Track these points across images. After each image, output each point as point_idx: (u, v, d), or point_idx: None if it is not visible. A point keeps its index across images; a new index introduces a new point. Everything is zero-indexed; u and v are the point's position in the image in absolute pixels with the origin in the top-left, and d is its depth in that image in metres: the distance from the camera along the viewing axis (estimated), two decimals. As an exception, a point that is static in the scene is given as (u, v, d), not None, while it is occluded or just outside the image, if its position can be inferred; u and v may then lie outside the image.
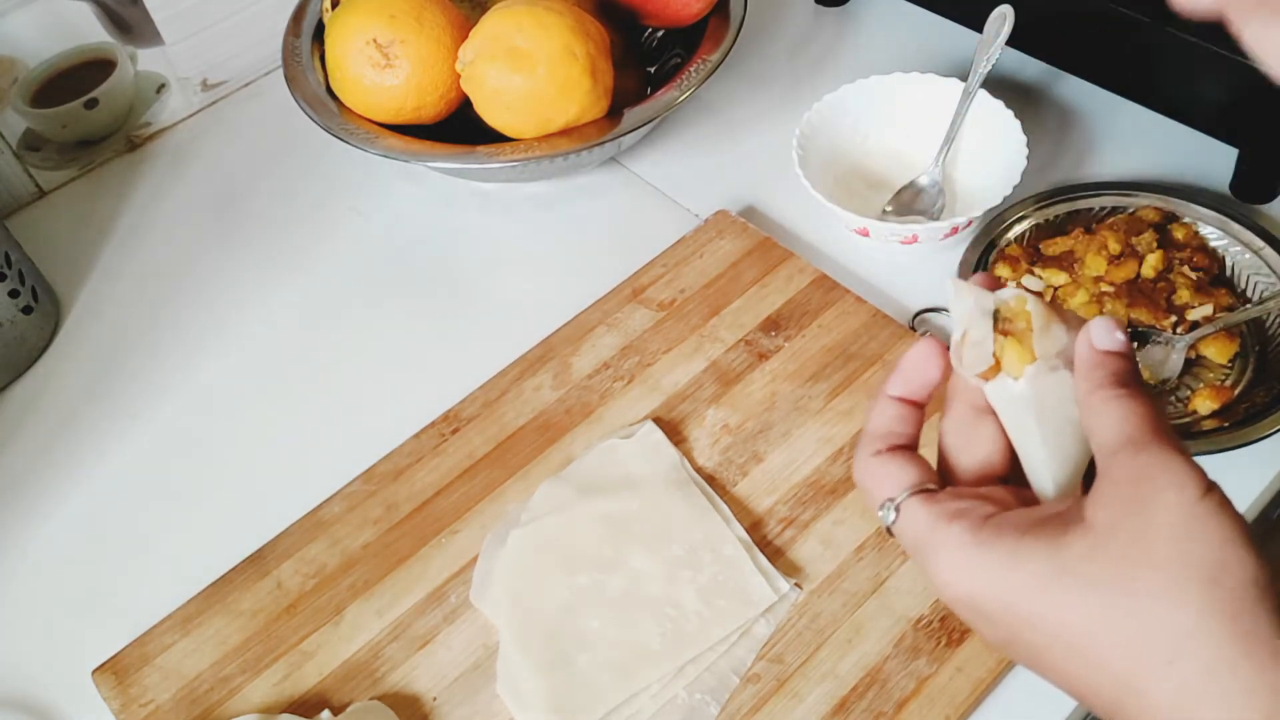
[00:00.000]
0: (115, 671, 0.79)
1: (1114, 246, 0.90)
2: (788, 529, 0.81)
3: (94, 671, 0.79)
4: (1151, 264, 0.89)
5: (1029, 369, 0.47)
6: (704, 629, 0.75)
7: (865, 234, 0.97)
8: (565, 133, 1.00)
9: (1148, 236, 0.91)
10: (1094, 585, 0.41)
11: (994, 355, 0.48)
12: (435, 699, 0.76)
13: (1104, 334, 0.47)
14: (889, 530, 0.48)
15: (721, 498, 0.82)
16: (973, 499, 0.47)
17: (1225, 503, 0.42)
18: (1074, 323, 0.49)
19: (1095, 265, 0.90)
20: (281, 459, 0.92)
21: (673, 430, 0.87)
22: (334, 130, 1.01)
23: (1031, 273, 0.91)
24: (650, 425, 0.86)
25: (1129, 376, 0.46)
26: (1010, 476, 0.51)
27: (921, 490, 0.48)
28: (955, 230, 0.94)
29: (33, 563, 0.88)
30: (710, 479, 0.84)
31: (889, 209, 1.01)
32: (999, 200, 0.93)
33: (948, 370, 0.51)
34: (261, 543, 0.84)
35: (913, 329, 0.93)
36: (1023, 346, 0.47)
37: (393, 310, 1.02)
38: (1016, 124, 0.98)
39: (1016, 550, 0.43)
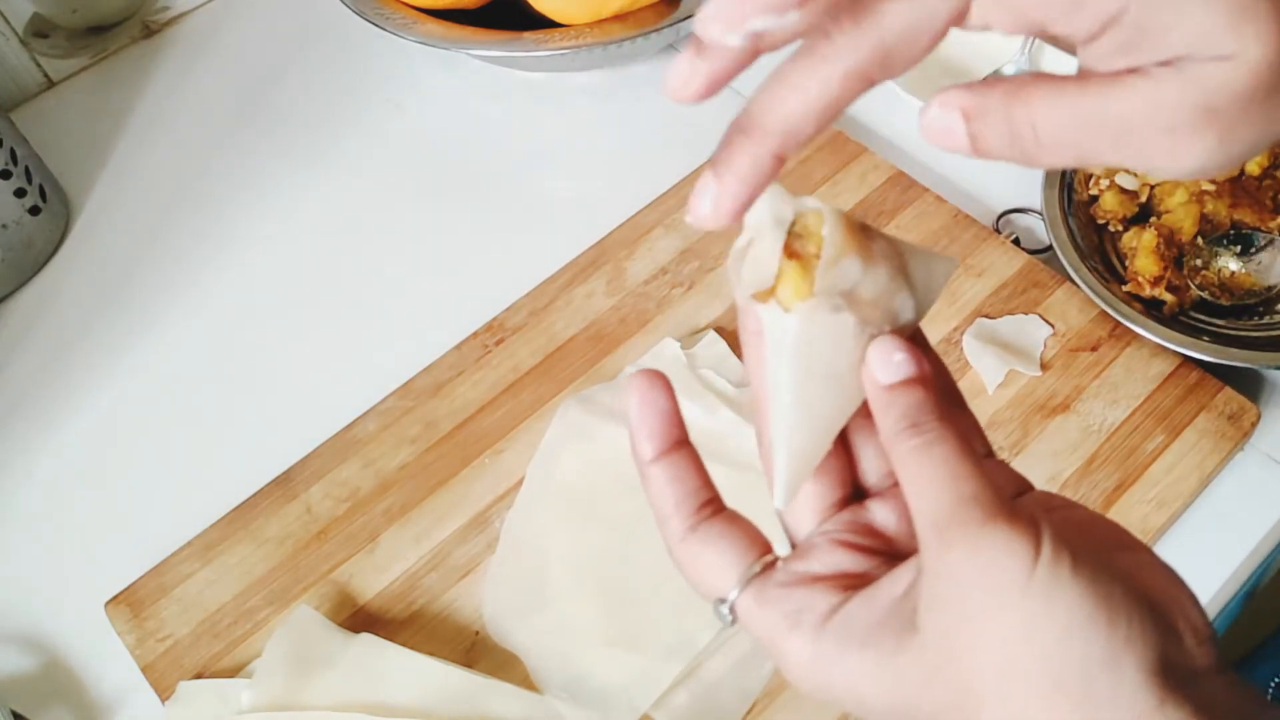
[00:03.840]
0: (130, 603, 0.77)
1: (1216, 141, 0.84)
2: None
3: (107, 604, 0.77)
4: (1256, 160, 0.86)
5: (802, 305, 0.40)
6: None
7: None
8: (620, 18, 0.98)
9: (1253, 131, 0.85)
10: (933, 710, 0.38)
11: (774, 277, 0.41)
12: (478, 633, 0.74)
13: (883, 364, 0.40)
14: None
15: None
16: (807, 587, 0.41)
17: (1058, 564, 0.36)
18: (885, 257, 0.42)
19: (1196, 162, 0.84)
20: (310, 373, 0.90)
21: (737, 341, 0.82)
22: (367, 15, 0.99)
23: (1126, 169, 0.84)
24: (713, 335, 0.84)
25: (923, 412, 0.40)
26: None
27: (752, 579, 0.42)
28: None
29: (39, 486, 0.87)
30: (778, 395, 0.79)
31: None
32: None
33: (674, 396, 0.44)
34: (289, 464, 0.82)
35: (997, 231, 0.89)
36: (806, 276, 0.41)
37: (431, 211, 0.99)
38: None
39: (859, 669, 0.39)
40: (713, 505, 0.43)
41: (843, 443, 0.44)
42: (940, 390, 0.41)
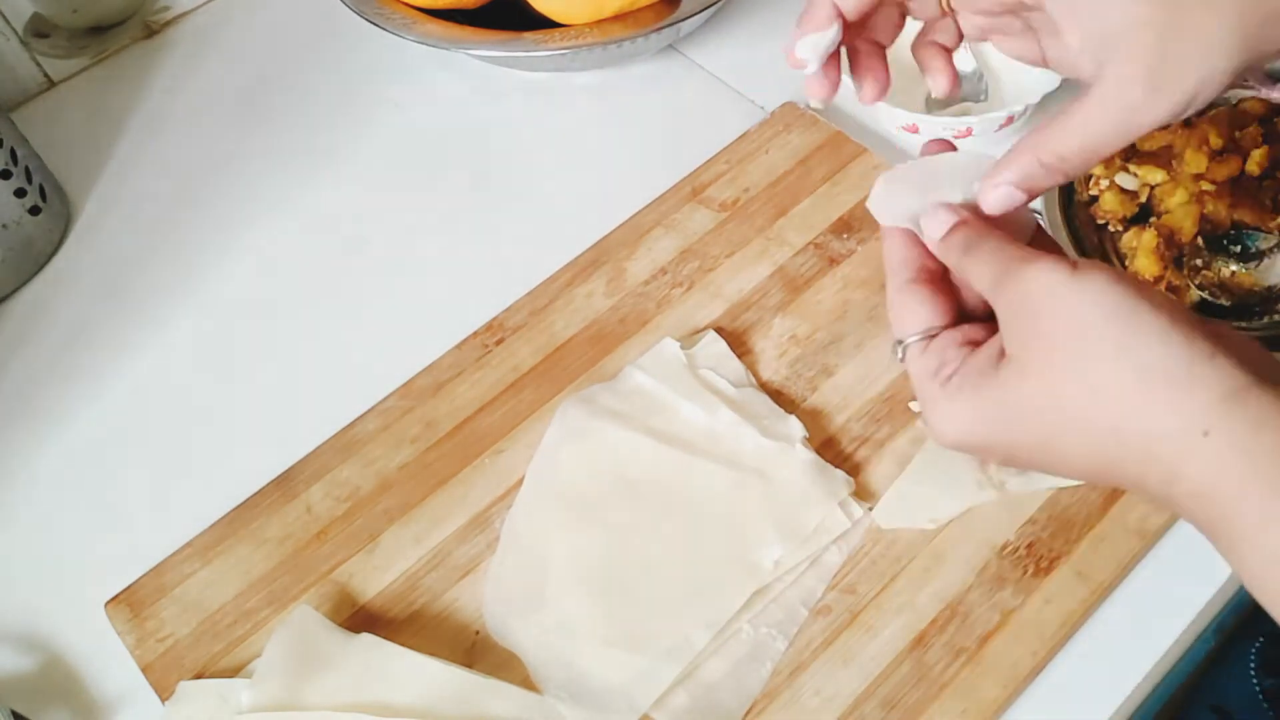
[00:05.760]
0: (130, 604, 0.77)
1: (1215, 141, 0.86)
2: (861, 448, 0.78)
3: (107, 604, 0.77)
4: (1256, 160, 0.85)
5: None
6: (770, 558, 0.73)
7: (914, 130, 0.94)
8: (619, 17, 0.97)
9: (1252, 130, 0.87)
10: (1031, 409, 0.50)
11: None
12: (478, 633, 0.73)
13: (935, 226, 0.56)
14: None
15: (789, 414, 0.79)
16: (954, 347, 0.54)
17: (1093, 267, 0.48)
18: None
19: (1195, 162, 0.86)
20: (310, 372, 0.90)
21: (736, 341, 0.84)
22: (368, 15, 0.99)
23: (1126, 169, 0.88)
24: (712, 335, 0.84)
25: (970, 235, 0.54)
26: None
27: (924, 337, 0.56)
28: (1011, 120, 0.91)
29: (40, 486, 0.86)
30: (777, 394, 0.81)
31: (932, 95, 0.95)
32: (1055, 84, 0.90)
33: None
34: (289, 464, 0.82)
35: (998, 230, 0.88)
36: None
37: (431, 211, 0.99)
38: None
39: (974, 400, 0.52)
40: (929, 272, 0.57)
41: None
42: (983, 223, 0.55)
